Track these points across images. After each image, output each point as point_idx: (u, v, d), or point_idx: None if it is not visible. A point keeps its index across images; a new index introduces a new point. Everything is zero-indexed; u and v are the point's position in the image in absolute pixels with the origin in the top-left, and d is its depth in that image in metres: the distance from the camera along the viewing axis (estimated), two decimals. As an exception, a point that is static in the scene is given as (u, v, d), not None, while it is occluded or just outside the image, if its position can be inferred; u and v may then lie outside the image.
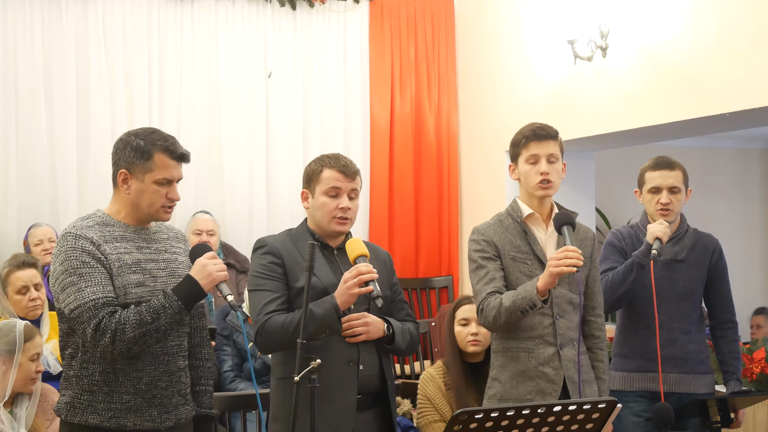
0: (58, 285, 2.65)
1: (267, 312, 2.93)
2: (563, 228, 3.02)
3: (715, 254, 3.75)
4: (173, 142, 2.75)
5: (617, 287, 3.58)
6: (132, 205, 2.74)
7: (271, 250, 3.02)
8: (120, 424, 2.67)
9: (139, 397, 2.69)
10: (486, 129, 6.41)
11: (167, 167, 2.72)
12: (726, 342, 3.77)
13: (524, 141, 3.14)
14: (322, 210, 3.02)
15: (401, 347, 3.05)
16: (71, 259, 2.62)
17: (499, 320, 3.02)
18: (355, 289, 2.84)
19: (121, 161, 2.72)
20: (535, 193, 3.14)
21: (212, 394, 2.99)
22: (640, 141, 5.92)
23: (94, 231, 2.68)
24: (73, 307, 2.60)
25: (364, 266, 2.86)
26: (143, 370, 2.69)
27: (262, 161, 6.29)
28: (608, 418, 2.32)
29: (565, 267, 2.88)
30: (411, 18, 6.72)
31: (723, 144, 8.00)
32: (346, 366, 2.94)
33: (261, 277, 3.00)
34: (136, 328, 2.57)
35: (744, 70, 4.43)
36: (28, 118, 5.75)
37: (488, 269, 3.10)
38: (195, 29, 6.16)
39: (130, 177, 2.71)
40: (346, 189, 3.02)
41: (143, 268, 2.72)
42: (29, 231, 5.46)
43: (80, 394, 2.68)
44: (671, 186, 3.64)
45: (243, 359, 4.68)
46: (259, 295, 2.98)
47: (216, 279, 2.67)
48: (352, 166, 3.06)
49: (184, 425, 2.82)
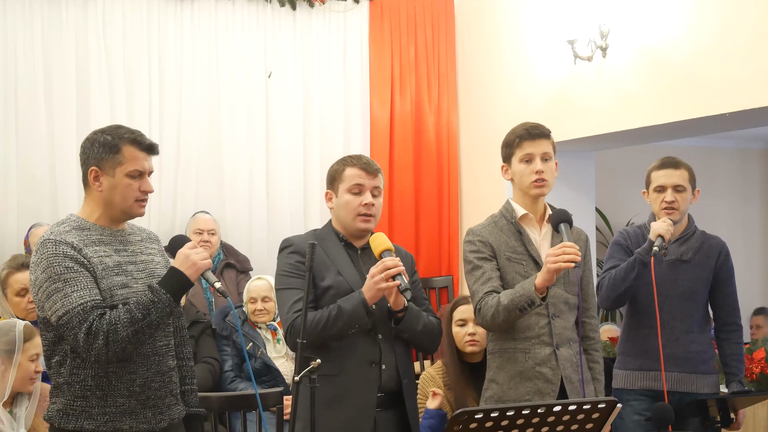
0: (42, 293, 2.61)
1: (296, 310, 2.94)
2: (561, 225, 3.03)
3: (722, 256, 3.76)
4: (140, 134, 2.75)
5: (619, 284, 3.59)
6: (105, 203, 2.72)
7: (298, 249, 3.05)
8: (116, 427, 2.65)
9: (133, 399, 2.68)
10: (486, 129, 6.41)
11: (137, 159, 2.71)
12: (730, 344, 3.78)
13: (518, 140, 3.14)
14: (347, 208, 3.05)
15: (416, 327, 3.02)
16: (54, 266, 2.59)
17: (498, 319, 3.02)
18: (383, 284, 2.86)
19: (90, 159, 2.71)
20: (530, 192, 3.14)
21: (197, 393, 2.99)
22: (640, 141, 5.92)
23: (73, 236, 2.66)
24: (60, 313, 2.56)
25: (390, 260, 2.87)
26: (136, 372, 2.68)
27: (262, 161, 6.29)
28: (608, 418, 2.32)
29: (563, 263, 2.88)
30: (411, 18, 6.71)
31: (723, 144, 8.00)
32: (368, 367, 2.96)
33: (289, 276, 3.03)
34: (128, 326, 2.56)
35: (744, 70, 4.43)
36: (28, 118, 5.75)
37: (484, 269, 3.10)
38: (195, 29, 6.15)
39: (101, 173, 2.69)
40: (368, 186, 3.08)
41: (125, 270, 2.71)
42: (30, 231, 5.46)
43: (73, 401, 2.65)
44: (676, 184, 3.64)
45: (243, 359, 4.68)
46: (287, 294, 3.01)
47: (201, 267, 2.66)
48: (373, 164, 3.14)
49: (177, 425, 2.82)
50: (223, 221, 6.02)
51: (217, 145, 6.19)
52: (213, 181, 6.17)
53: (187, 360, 2.96)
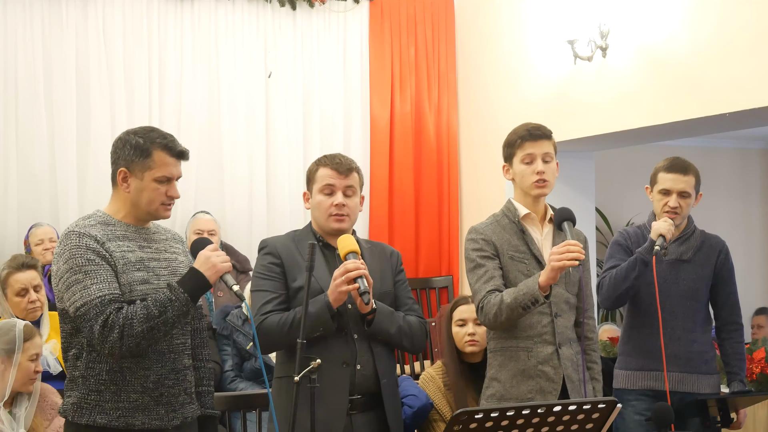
0: (62, 284, 2.64)
1: (263, 312, 2.96)
2: (564, 223, 3.04)
3: (722, 255, 3.75)
4: (172, 140, 2.76)
5: (620, 284, 3.59)
6: (132, 203, 2.74)
7: (271, 251, 3.06)
8: (128, 423, 2.66)
9: (146, 396, 2.68)
10: (486, 129, 6.41)
11: (166, 165, 2.72)
12: (731, 343, 3.77)
13: (519, 141, 3.14)
14: (319, 208, 3.05)
15: (389, 330, 2.99)
16: (76, 257, 2.62)
17: (500, 317, 3.02)
18: (344, 287, 2.85)
19: (120, 160, 2.73)
20: (531, 192, 3.14)
21: (213, 394, 3.00)
22: (640, 141, 5.92)
23: (97, 229, 2.68)
24: (79, 305, 2.59)
25: (351, 263, 2.86)
26: (150, 368, 2.69)
27: (262, 161, 6.29)
28: (608, 418, 2.32)
29: (567, 261, 2.88)
30: (411, 18, 6.72)
31: (723, 144, 7.99)
32: (339, 368, 2.93)
33: (260, 278, 3.04)
34: (144, 322, 2.57)
35: (744, 70, 4.43)
36: (28, 118, 5.75)
37: (487, 268, 3.10)
38: (195, 29, 6.16)
39: (130, 175, 2.72)
40: (340, 186, 3.04)
41: (146, 266, 2.72)
42: (30, 230, 5.46)
43: (87, 394, 2.66)
44: (682, 191, 3.63)
45: (243, 359, 4.68)
46: (257, 296, 3.02)
47: (220, 270, 2.67)
48: (346, 163, 3.08)
49: (190, 424, 2.82)
50: (223, 221, 6.02)
51: (217, 145, 6.19)
52: (213, 181, 6.17)
53: (206, 362, 2.96)
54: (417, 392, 3.59)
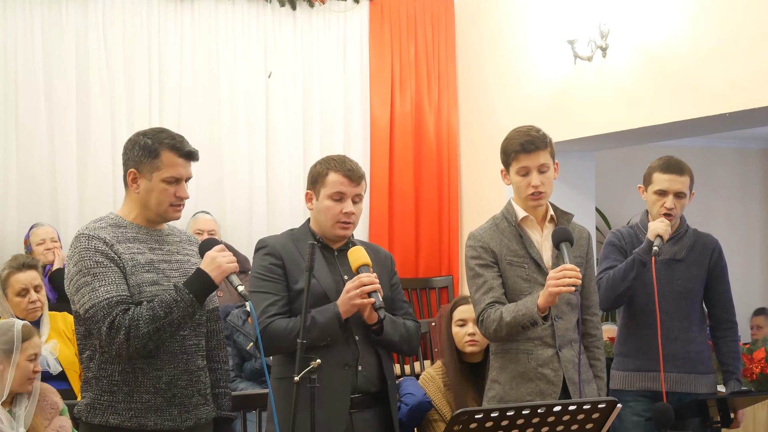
0: (73, 286, 2.66)
1: (269, 315, 2.93)
2: (561, 245, 3.01)
3: (715, 254, 3.75)
4: (181, 140, 2.78)
5: (618, 284, 3.58)
6: (142, 204, 2.76)
7: (272, 251, 3.02)
8: (141, 423, 2.67)
9: (159, 397, 2.69)
10: (486, 129, 6.41)
11: (175, 165, 2.74)
12: (726, 342, 3.77)
13: (513, 154, 3.11)
14: (327, 214, 3.02)
15: (393, 338, 3.01)
16: (85, 260, 2.63)
17: (500, 333, 3.03)
18: (357, 300, 2.85)
19: (130, 161, 2.75)
20: (527, 203, 3.14)
21: (231, 396, 2.99)
22: (640, 141, 5.92)
23: (107, 232, 2.70)
24: (87, 306, 2.61)
25: (366, 277, 2.85)
26: (162, 369, 2.69)
27: (262, 161, 6.29)
28: (608, 418, 2.32)
29: (563, 287, 2.88)
30: (411, 18, 6.72)
31: (723, 144, 7.99)
32: (341, 369, 2.93)
33: (261, 279, 3.01)
34: (149, 323, 2.58)
35: (744, 70, 4.43)
36: (28, 118, 5.75)
37: (485, 278, 3.09)
38: (195, 29, 6.16)
39: (139, 176, 2.73)
40: (350, 194, 3.01)
41: (156, 267, 2.73)
42: (31, 230, 5.46)
43: (100, 395, 2.68)
44: (678, 191, 3.62)
45: (243, 359, 4.68)
46: (259, 297, 2.98)
47: (226, 270, 2.67)
48: (357, 170, 3.05)
49: (205, 426, 2.81)
50: (223, 221, 6.02)
51: (217, 145, 6.19)
52: (213, 181, 6.17)
53: (222, 363, 2.96)
54: (415, 390, 3.60)
